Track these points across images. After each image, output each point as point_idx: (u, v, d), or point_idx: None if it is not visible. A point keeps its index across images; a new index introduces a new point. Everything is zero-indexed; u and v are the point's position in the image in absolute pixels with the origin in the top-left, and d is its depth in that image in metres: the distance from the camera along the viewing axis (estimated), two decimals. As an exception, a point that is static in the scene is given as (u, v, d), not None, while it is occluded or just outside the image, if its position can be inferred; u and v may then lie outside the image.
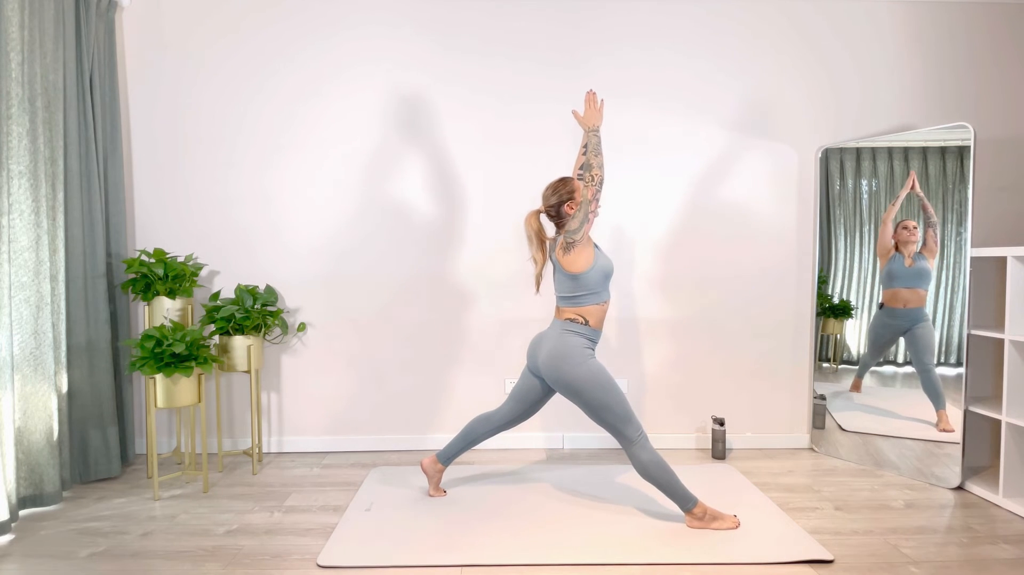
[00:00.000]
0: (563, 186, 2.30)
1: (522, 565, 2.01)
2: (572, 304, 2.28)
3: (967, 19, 3.19)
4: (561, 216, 2.31)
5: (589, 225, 2.19)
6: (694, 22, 3.18)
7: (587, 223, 2.18)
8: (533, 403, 2.47)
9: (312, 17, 3.14)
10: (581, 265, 2.23)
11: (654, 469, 2.22)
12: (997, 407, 2.66)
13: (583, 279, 2.25)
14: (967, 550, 2.12)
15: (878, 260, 2.96)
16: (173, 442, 3.23)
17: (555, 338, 2.29)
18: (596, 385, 2.22)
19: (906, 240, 2.87)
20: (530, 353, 2.41)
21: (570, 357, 2.24)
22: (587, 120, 2.23)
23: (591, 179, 2.16)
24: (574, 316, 2.28)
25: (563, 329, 2.29)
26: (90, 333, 2.76)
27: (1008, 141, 3.20)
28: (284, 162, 3.17)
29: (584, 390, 2.23)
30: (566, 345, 2.26)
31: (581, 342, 2.27)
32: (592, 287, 2.26)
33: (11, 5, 2.32)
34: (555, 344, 2.28)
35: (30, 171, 2.43)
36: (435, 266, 3.21)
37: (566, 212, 2.29)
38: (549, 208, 2.32)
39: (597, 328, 2.31)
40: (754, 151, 3.22)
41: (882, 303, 2.94)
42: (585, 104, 2.25)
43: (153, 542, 2.19)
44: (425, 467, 2.58)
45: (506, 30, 3.16)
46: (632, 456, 2.24)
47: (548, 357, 2.28)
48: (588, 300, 2.27)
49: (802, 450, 3.25)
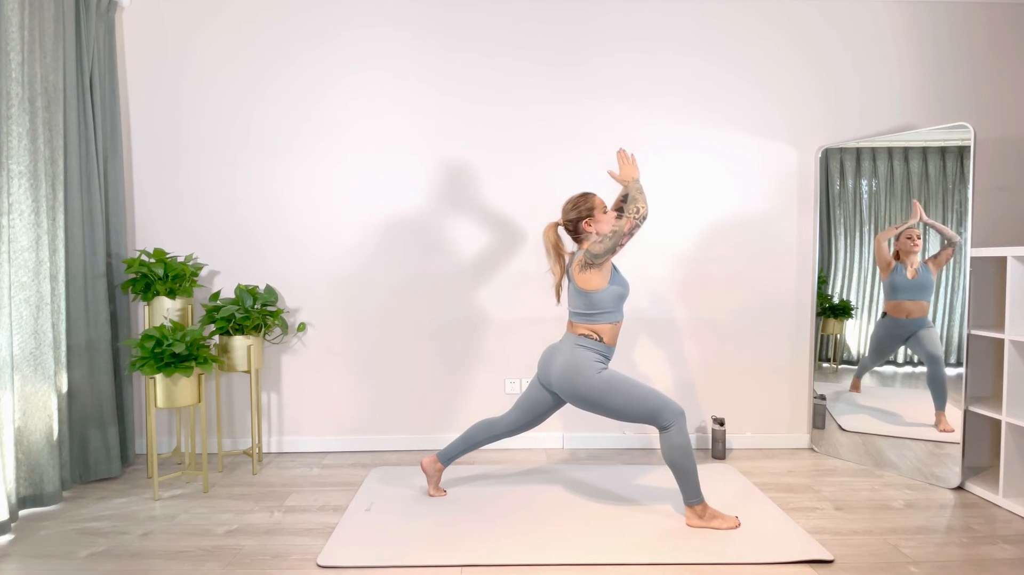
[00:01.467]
0: (584, 202, 2.29)
1: (522, 565, 2.01)
2: (585, 321, 2.28)
3: (967, 19, 3.19)
4: (579, 231, 2.31)
5: (614, 254, 2.19)
6: (694, 23, 3.18)
7: (613, 253, 2.17)
8: (540, 414, 2.46)
9: (313, 18, 3.14)
10: (595, 284, 2.23)
11: (679, 454, 2.21)
12: (997, 407, 2.66)
13: (596, 298, 2.24)
14: (967, 550, 2.12)
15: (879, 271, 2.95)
16: (173, 442, 3.23)
17: (568, 352, 2.28)
18: (614, 391, 2.22)
19: (909, 250, 2.84)
20: (541, 365, 2.40)
21: (583, 370, 2.24)
22: (624, 175, 2.26)
23: (635, 212, 2.14)
24: (587, 332, 2.28)
25: (575, 344, 2.28)
26: (90, 333, 2.76)
27: (1008, 141, 3.20)
28: (284, 162, 3.18)
29: (603, 400, 2.22)
30: (578, 360, 2.25)
31: (594, 356, 2.26)
32: (604, 307, 2.25)
33: (11, 5, 2.32)
34: (568, 358, 2.27)
35: (30, 171, 2.43)
36: (435, 266, 3.21)
37: (584, 228, 2.29)
38: (567, 223, 2.32)
39: (611, 345, 2.31)
40: (754, 151, 3.22)
41: (884, 312, 2.93)
42: (618, 161, 2.29)
43: (153, 542, 2.19)
44: (425, 466, 2.58)
45: (509, 31, 3.16)
46: (663, 439, 2.23)
47: (561, 371, 2.27)
48: (601, 319, 2.27)
49: (802, 450, 3.25)
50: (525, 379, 3.26)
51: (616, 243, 2.14)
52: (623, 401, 2.21)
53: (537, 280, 3.23)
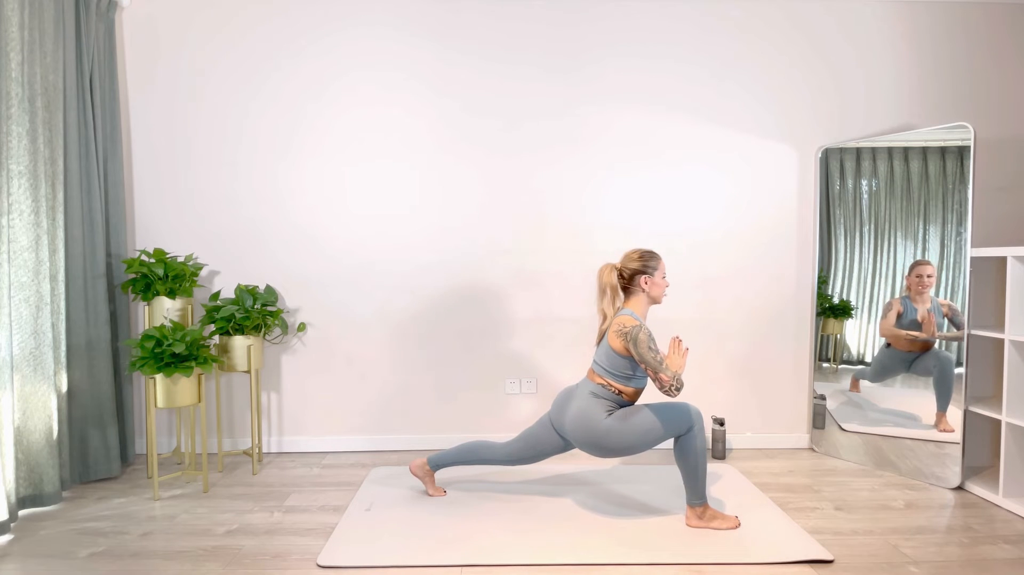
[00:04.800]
0: (651, 259, 2.28)
1: (522, 565, 2.00)
2: (608, 377, 2.26)
3: (967, 19, 3.19)
4: (633, 283, 2.29)
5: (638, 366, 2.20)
6: (693, 24, 3.18)
7: (647, 368, 2.14)
8: (542, 453, 2.43)
9: (313, 17, 3.14)
10: (623, 353, 2.21)
11: (693, 456, 2.21)
12: (997, 407, 2.66)
13: (623, 361, 2.23)
14: (967, 550, 2.12)
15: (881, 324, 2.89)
16: (173, 442, 3.23)
17: (583, 398, 2.26)
18: (627, 428, 2.19)
19: (920, 289, 2.78)
20: (556, 407, 2.37)
21: (594, 416, 2.21)
22: (672, 366, 2.19)
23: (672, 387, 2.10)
24: (606, 384, 2.26)
25: (591, 392, 2.26)
26: (90, 333, 2.76)
27: (1008, 141, 3.20)
28: (285, 162, 3.18)
29: (622, 437, 2.19)
30: (592, 407, 2.23)
31: (607, 405, 2.24)
32: (629, 371, 2.24)
33: (11, 5, 2.32)
34: (582, 405, 2.25)
35: (30, 171, 2.43)
36: (435, 266, 3.21)
37: (639, 284, 2.28)
38: (626, 271, 2.30)
39: (630, 402, 2.30)
40: (754, 151, 3.22)
41: (888, 343, 2.90)
42: (670, 349, 2.24)
43: (153, 542, 2.19)
44: (414, 469, 2.57)
45: (507, 33, 3.16)
46: (685, 441, 2.21)
47: (575, 420, 2.25)
48: (624, 381, 2.25)
49: (802, 450, 3.25)
50: (525, 380, 3.26)
51: (647, 365, 2.13)
52: (637, 433, 2.18)
53: (538, 282, 3.23)
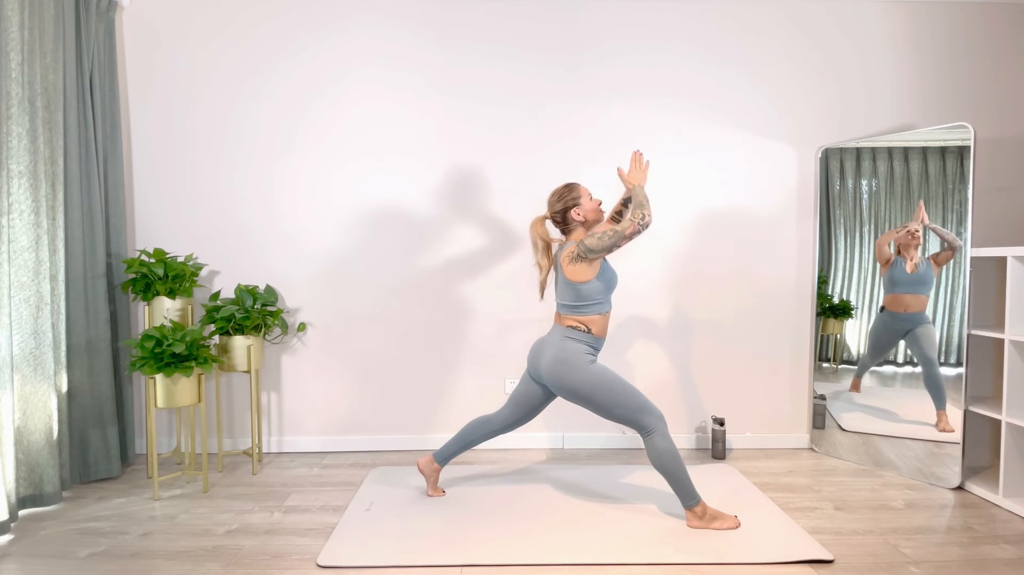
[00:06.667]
0: (568, 192, 2.29)
1: (522, 565, 2.01)
2: (573, 312, 2.28)
3: (967, 19, 3.19)
4: (567, 222, 2.31)
5: (609, 253, 2.19)
6: (695, 23, 3.18)
7: (609, 251, 2.17)
8: (533, 408, 2.47)
9: (313, 17, 3.14)
10: (584, 276, 2.23)
11: (668, 459, 2.21)
12: (997, 407, 2.66)
13: (584, 289, 2.24)
14: (967, 550, 2.12)
15: (879, 266, 2.95)
16: (173, 442, 3.23)
17: (556, 344, 2.28)
18: (602, 387, 2.22)
19: (908, 244, 2.86)
20: (531, 359, 2.41)
21: (572, 363, 2.24)
22: (631, 179, 2.23)
23: (640, 219, 2.12)
24: (576, 324, 2.28)
25: (564, 336, 2.28)
26: (90, 333, 2.76)
27: (1007, 141, 3.20)
28: (285, 162, 3.18)
29: (592, 394, 2.23)
30: (568, 352, 2.25)
31: (583, 348, 2.26)
32: (593, 298, 2.26)
33: (11, 5, 2.32)
34: (556, 351, 2.27)
35: (30, 171, 2.43)
36: (435, 266, 3.21)
37: (572, 218, 2.29)
38: (555, 214, 2.32)
39: (600, 336, 2.31)
40: (754, 151, 3.22)
41: (883, 306, 2.94)
42: (631, 163, 2.25)
43: (153, 542, 2.19)
44: (421, 467, 2.58)
45: (510, 31, 3.16)
46: (648, 445, 2.24)
47: (550, 364, 2.27)
48: (589, 310, 2.27)
49: (802, 450, 3.25)
50: (525, 379, 3.26)
51: (614, 243, 2.14)
52: (609, 396, 2.21)
53: (538, 280, 3.22)
